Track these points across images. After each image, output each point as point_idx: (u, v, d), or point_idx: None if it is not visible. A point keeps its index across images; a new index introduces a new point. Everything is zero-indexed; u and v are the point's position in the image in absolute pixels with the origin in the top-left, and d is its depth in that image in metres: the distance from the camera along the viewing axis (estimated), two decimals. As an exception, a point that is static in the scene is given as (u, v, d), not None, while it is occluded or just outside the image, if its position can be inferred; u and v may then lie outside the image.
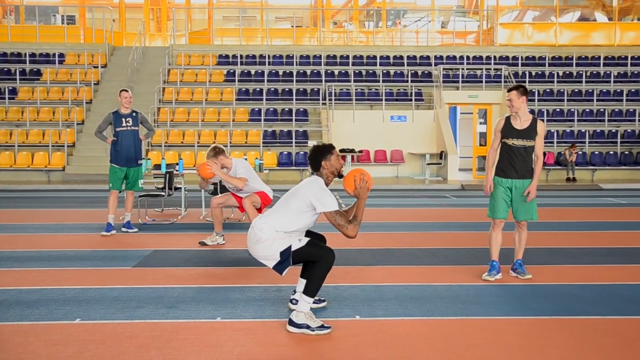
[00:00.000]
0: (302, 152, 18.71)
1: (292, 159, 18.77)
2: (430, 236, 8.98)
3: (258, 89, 21.07)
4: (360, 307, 5.31)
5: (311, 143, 18.60)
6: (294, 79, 21.51)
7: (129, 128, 9.21)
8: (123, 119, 9.20)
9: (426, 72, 21.92)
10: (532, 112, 19.77)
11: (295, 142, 19.06)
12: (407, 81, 21.34)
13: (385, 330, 4.74)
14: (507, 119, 6.29)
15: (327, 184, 4.89)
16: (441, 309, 5.26)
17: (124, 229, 9.22)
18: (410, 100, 20.28)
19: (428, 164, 19.07)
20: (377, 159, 19.72)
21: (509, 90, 6.26)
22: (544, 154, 18.65)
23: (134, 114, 9.33)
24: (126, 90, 9.30)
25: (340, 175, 4.96)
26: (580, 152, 18.83)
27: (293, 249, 4.68)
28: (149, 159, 11.14)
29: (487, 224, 6.50)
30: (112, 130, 9.27)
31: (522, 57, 22.58)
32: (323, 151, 4.90)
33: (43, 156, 18.58)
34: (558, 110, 20.42)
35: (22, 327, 4.76)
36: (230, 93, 20.95)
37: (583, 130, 19.69)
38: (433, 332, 4.71)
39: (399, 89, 21.04)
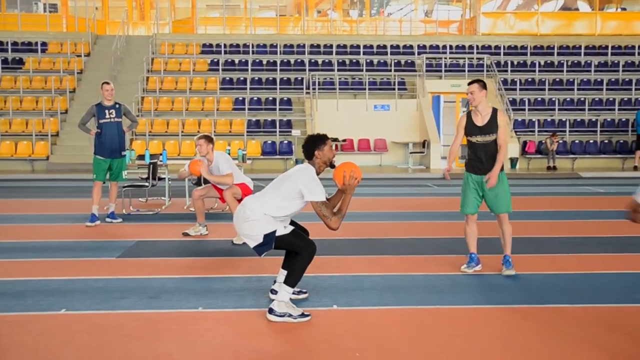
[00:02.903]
0: (285, 142, 18.82)
1: (276, 148, 18.87)
2: (411, 226, 9.16)
3: (242, 78, 21.10)
4: (338, 296, 5.47)
5: (295, 132, 18.73)
6: (278, 68, 21.57)
7: (112, 120, 9.28)
8: (106, 111, 9.27)
9: (409, 61, 22.06)
10: (513, 101, 20.02)
11: (279, 132, 19.15)
12: (390, 70, 21.47)
13: (362, 319, 4.90)
14: (468, 115, 6.30)
15: (318, 173, 5.02)
16: (417, 299, 5.43)
17: (108, 220, 9.32)
18: (394, 89, 20.42)
19: (411, 153, 19.25)
20: (360, 147, 19.87)
21: (470, 84, 6.25)
22: (525, 142, 19.07)
23: (117, 106, 9.41)
24: (108, 83, 9.37)
25: (332, 166, 5.09)
26: (561, 141, 19.07)
27: (277, 234, 4.81)
28: (132, 149, 11.20)
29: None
30: (95, 122, 9.34)
31: (504, 47, 22.78)
32: (317, 141, 5.04)
33: (27, 145, 18.55)
34: (539, 99, 20.65)
35: (7, 318, 4.88)
36: (214, 82, 20.98)
37: (564, 119, 19.92)
38: (408, 321, 4.88)
39: (383, 78, 21.17)
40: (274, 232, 4.81)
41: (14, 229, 8.90)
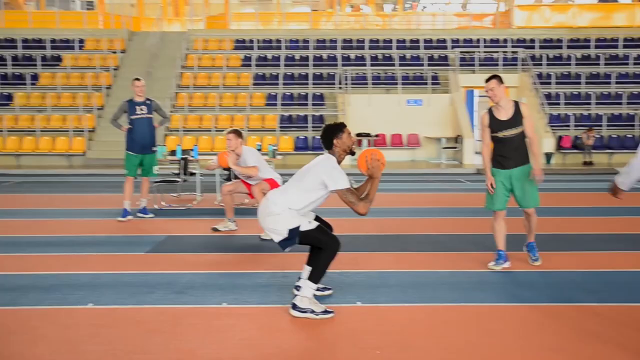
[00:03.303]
0: (318, 137, 18.81)
1: (308, 143, 18.91)
2: (440, 222, 9.09)
3: (274, 74, 21.18)
4: (363, 293, 5.46)
5: (327, 127, 18.69)
6: (310, 63, 21.59)
7: (143, 116, 9.39)
8: (137, 107, 9.38)
9: (443, 55, 21.88)
10: (548, 95, 19.72)
11: (312, 127, 19.18)
12: (423, 65, 21.32)
13: (384, 316, 4.89)
14: (490, 112, 6.23)
15: (339, 162, 5.01)
16: (442, 296, 5.39)
17: (139, 215, 9.44)
18: (427, 83, 20.29)
19: (444, 148, 19.10)
20: (393, 143, 19.79)
21: (487, 80, 6.19)
22: (560, 137, 18.77)
23: (148, 102, 9.51)
24: (138, 79, 9.47)
25: (352, 153, 5.07)
26: (597, 136, 18.72)
27: (302, 229, 4.81)
28: (164, 145, 11.33)
29: (495, 211, 6.56)
30: (126, 118, 9.46)
31: (539, 40, 22.43)
32: (334, 130, 5.02)
33: (64, 141, 18.91)
34: (575, 93, 20.30)
35: (37, 312, 4.99)
36: (247, 78, 21.09)
37: (600, 114, 19.56)
38: (431, 318, 4.85)
39: (415, 73, 21.04)
40: (298, 227, 4.80)
41: (48, 223, 9.08)
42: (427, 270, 6.29)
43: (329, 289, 5.46)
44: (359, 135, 19.00)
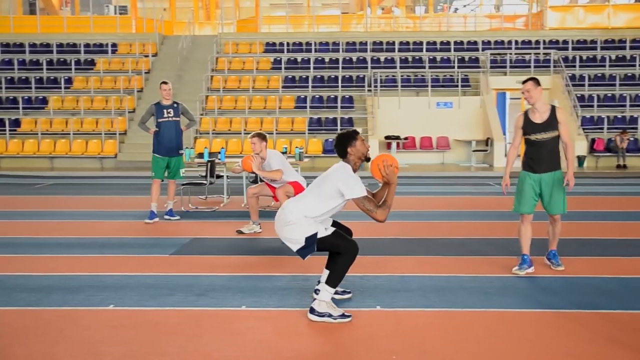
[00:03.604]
0: (346, 140, 18.76)
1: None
2: (466, 225, 9.02)
3: (304, 77, 21.24)
4: (383, 297, 5.44)
5: (356, 130, 18.67)
6: (340, 65, 21.61)
7: (170, 119, 9.48)
8: (164, 110, 9.48)
9: (473, 57, 21.71)
10: (581, 97, 19.43)
11: (341, 129, 19.13)
12: (453, 67, 21.18)
13: (403, 321, 4.86)
14: (526, 114, 6.20)
15: (354, 170, 5.00)
16: (462, 301, 5.34)
17: (166, 217, 9.54)
18: (457, 86, 20.16)
19: (474, 151, 18.94)
20: (422, 145, 19.69)
21: (524, 82, 6.16)
22: (593, 140, 18.47)
23: (175, 105, 9.60)
24: (166, 82, 9.57)
25: (367, 159, 5.06)
26: (631, 139, 18.38)
27: (319, 236, 4.81)
28: (192, 148, 11.44)
29: (523, 215, 6.48)
30: (154, 121, 9.57)
31: (572, 41, 22.13)
32: (348, 137, 5.01)
33: (96, 144, 19.21)
34: (609, 95, 19.96)
35: (60, 312, 5.06)
36: (276, 81, 21.18)
37: (635, 116, 19.21)
38: (450, 323, 4.80)
39: (446, 75, 20.90)
40: (316, 234, 4.80)
41: (78, 225, 9.22)
42: (449, 274, 6.23)
43: (348, 292, 5.45)
44: (387, 138, 18.95)
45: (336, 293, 5.36)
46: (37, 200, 12.10)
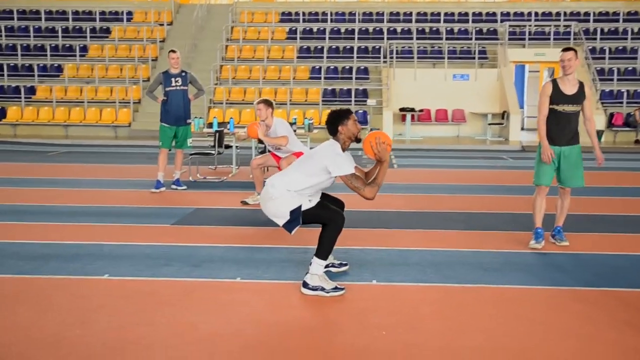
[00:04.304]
0: (361, 111, 18.64)
1: (351, 117, 18.69)
2: (475, 199, 8.88)
3: (319, 47, 21.01)
4: (380, 271, 5.35)
5: (370, 102, 18.52)
6: (356, 36, 21.34)
7: (178, 88, 9.39)
8: (172, 79, 9.39)
9: (492, 29, 21.32)
10: (600, 71, 19.04)
11: (355, 101, 18.98)
12: (471, 39, 20.81)
13: (398, 296, 4.78)
14: (555, 83, 6.03)
15: (343, 149, 4.92)
16: (461, 276, 5.24)
17: (173, 187, 9.50)
18: (474, 58, 19.82)
19: (490, 124, 18.68)
20: (438, 118, 19.46)
21: (565, 51, 6.00)
22: (612, 114, 18.13)
23: (183, 74, 9.50)
24: (174, 51, 9.46)
25: (357, 140, 4.97)
26: (651, 114, 18.01)
27: (303, 208, 4.74)
28: (201, 118, 11.36)
29: (534, 188, 6.32)
30: (162, 90, 9.49)
31: (594, 13, 21.61)
32: (340, 116, 4.91)
33: (110, 112, 19.21)
34: (630, 69, 19.53)
35: (54, 281, 5.04)
36: (291, 51, 20.98)
37: (656, 90, 18.81)
38: (446, 299, 4.71)
39: (463, 47, 20.56)
40: (300, 207, 4.73)
41: (84, 193, 9.21)
42: (451, 249, 6.13)
43: (345, 264, 5.38)
44: (402, 110, 18.73)
45: (333, 266, 5.30)
46: (47, 168, 12.13)
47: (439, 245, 6.27)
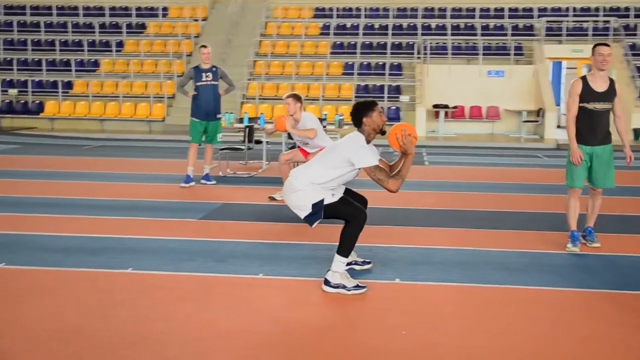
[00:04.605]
0: (394, 107, 18.52)
1: (384, 113, 18.59)
2: (507, 198, 8.74)
3: (353, 43, 20.92)
4: (403, 270, 5.29)
5: (403, 98, 18.39)
6: (390, 32, 21.19)
7: (208, 83, 9.43)
8: (203, 74, 9.43)
9: (528, 25, 20.96)
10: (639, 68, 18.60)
11: (387, 97, 18.85)
12: (507, 35, 20.50)
13: (420, 295, 4.72)
14: (584, 80, 5.87)
15: (368, 141, 4.86)
16: (485, 276, 5.15)
17: (202, 181, 9.55)
18: (509, 54, 19.52)
19: (524, 122, 18.39)
20: (472, 115, 19.23)
21: (602, 45, 5.84)
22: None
23: (214, 69, 9.54)
24: (205, 46, 9.50)
25: (382, 132, 4.91)
26: (693, 112, 17.52)
27: (325, 202, 4.70)
28: (232, 113, 11.39)
29: (566, 187, 6.16)
30: (193, 85, 9.54)
31: (634, 8, 21.10)
32: (365, 108, 4.86)
33: (145, 107, 19.40)
34: (671, 66, 19.03)
35: (78, 274, 5.09)
36: (325, 46, 20.93)
37: (698, 88, 18.28)
38: (467, 299, 4.64)
39: (498, 43, 20.26)
40: (322, 200, 4.69)
41: (114, 187, 9.31)
42: (477, 248, 6.03)
43: (368, 262, 5.33)
44: (436, 106, 18.55)
45: (356, 264, 5.26)
46: (82, 162, 12.29)
47: (465, 244, 6.18)
